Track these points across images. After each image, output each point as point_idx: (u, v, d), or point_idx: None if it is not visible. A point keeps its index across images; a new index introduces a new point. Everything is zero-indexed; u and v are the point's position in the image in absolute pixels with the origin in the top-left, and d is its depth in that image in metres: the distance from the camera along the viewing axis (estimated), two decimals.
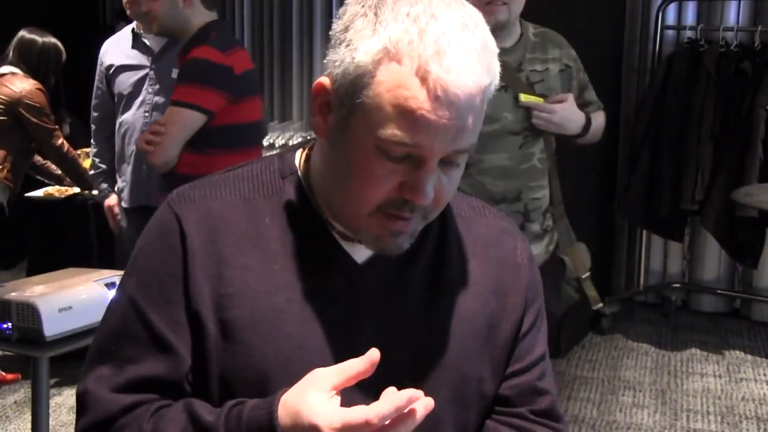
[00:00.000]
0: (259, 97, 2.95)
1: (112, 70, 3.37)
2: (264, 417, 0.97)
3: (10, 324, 2.31)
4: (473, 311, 1.15)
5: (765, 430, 3.65)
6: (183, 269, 1.06)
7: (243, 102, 2.79)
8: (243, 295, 1.06)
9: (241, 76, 2.76)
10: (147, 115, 3.25)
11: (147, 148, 2.75)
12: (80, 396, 1.09)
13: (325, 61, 1.04)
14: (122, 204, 3.40)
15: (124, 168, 3.36)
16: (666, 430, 3.65)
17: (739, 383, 4.11)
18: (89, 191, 4.11)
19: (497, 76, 1.01)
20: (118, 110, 3.34)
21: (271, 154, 1.21)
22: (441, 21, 0.96)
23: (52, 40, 4.06)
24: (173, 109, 2.74)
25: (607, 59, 4.91)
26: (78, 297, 2.39)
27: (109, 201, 3.53)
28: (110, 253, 4.00)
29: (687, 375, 4.22)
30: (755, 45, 4.57)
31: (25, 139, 3.96)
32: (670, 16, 4.99)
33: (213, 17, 2.87)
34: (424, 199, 1.00)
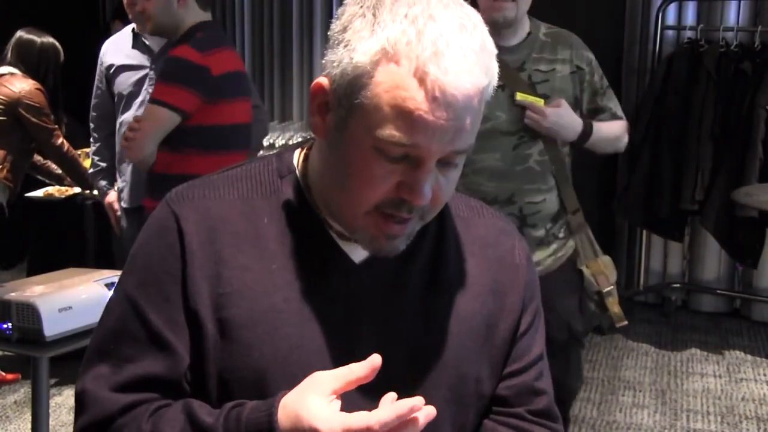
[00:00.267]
0: (246, 99, 2.89)
1: (113, 70, 3.38)
2: (263, 419, 0.97)
3: (10, 324, 2.31)
4: (471, 311, 1.15)
5: (765, 430, 3.65)
6: (181, 268, 1.07)
7: (222, 104, 2.75)
8: (241, 294, 1.06)
9: (220, 77, 2.71)
10: None
11: (124, 144, 2.83)
12: (79, 395, 1.09)
13: (323, 61, 1.04)
14: (122, 204, 3.41)
15: (124, 168, 3.37)
16: (666, 430, 3.64)
17: (739, 383, 4.11)
18: (90, 190, 4.11)
19: (495, 77, 1.01)
20: (118, 110, 3.34)
21: (270, 153, 1.21)
22: (439, 22, 0.96)
23: (51, 40, 4.06)
24: (148, 107, 2.77)
25: (607, 59, 4.86)
26: (78, 297, 2.39)
27: (109, 198, 3.53)
28: (110, 253, 4.00)
29: (687, 375, 4.22)
30: (755, 45, 4.57)
31: (25, 139, 3.96)
32: (670, 17, 4.99)
33: (207, 17, 2.85)
34: (422, 200, 1.01)
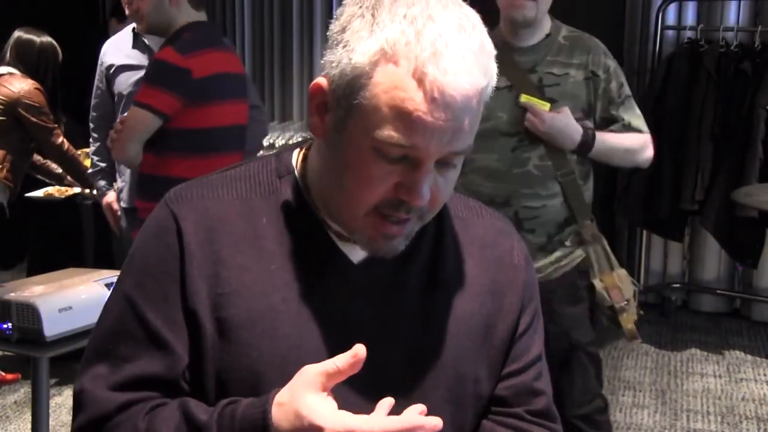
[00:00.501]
0: (239, 101, 2.86)
1: (113, 69, 3.37)
2: (258, 416, 0.97)
3: (10, 324, 2.31)
4: (470, 311, 1.15)
5: (765, 430, 3.65)
6: (180, 268, 1.07)
7: (208, 106, 2.72)
8: (240, 294, 1.06)
9: (204, 79, 2.68)
10: None
11: (108, 144, 2.86)
12: (77, 394, 1.09)
13: (322, 61, 1.04)
14: (122, 204, 3.41)
15: (123, 168, 3.37)
16: (666, 430, 3.64)
17: (739, 383, 4.11)
18: (90, 190, 4.11)
19: (494, 78, 1.01)
20: (118, 110, 3.34)
21: (269, 153, 1.21)
22: (438, 22, 0.96)
23: (49, 39, 4.06)
24: (131, 108, 2.77)
25: None
26: (78, 297, 2.39)
27: (107, 198, 3.52)
28: (109, 253, 4.00)
29: (687, 375, 4.22)
30: (755, 45, 4.57)
31: (25, 139, 3.96)
32: (670, 17, 4.99)
33: (200, 17, 2.82)
34: (420, 200, 1.01)
